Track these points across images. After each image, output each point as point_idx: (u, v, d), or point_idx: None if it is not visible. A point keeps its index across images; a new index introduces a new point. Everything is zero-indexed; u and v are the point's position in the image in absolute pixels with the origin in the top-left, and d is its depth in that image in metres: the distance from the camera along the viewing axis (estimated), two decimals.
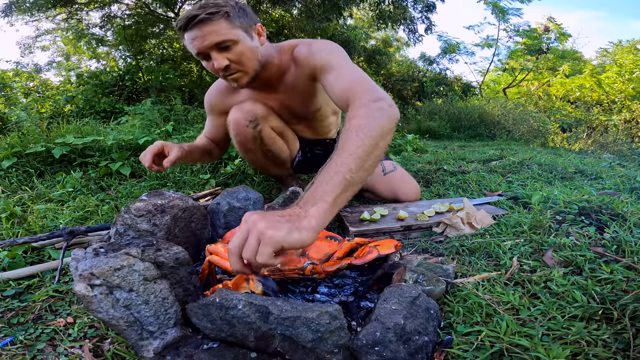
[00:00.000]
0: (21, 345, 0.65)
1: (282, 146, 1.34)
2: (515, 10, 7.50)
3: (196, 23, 1.00)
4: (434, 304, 0.65)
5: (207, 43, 1.02)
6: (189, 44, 1.05)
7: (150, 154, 1.11)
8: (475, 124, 5.32)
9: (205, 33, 1.01)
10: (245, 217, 0.62)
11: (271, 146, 1.29)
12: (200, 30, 1.01)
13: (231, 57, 1.06)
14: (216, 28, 1.01)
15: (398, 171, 1.43)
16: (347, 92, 0.90)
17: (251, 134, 1.22)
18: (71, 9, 5.36)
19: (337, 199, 0.65)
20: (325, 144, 1.48)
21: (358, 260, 0.72)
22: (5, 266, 0.93)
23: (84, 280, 0.56)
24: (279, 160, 1.36)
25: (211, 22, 1.00)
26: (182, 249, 0.68)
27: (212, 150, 1.39)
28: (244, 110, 1.20)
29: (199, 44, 1.03)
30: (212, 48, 1.03)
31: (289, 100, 1.25)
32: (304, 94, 1.22)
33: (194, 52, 1.07)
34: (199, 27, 1.01)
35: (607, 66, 5.56)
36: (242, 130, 1.22)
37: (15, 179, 1.67)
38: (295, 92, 1.21)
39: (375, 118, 0.76)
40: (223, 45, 1.03)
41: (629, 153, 3.26)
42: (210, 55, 1.05)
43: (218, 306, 0.60)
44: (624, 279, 0.71)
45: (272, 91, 1.24)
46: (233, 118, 1.22)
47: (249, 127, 1.21)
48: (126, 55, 6.02)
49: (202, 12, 1.00)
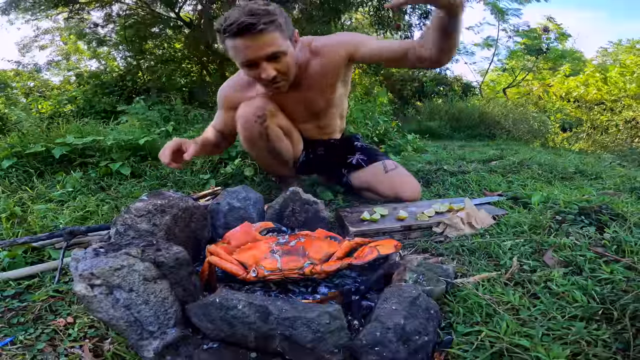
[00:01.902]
0: (21, 345, 0.65)
1: (287, 145, 1.36)
2: (515, 10, 7.49)
3: (252, 32, 0.99)
4: (434, 304, 0.65)
5: (261, 54, 1.02)
6: (237, 51, 1.04)
7: (170, 150, 1.12)
8: (475, 124, 5.31)
9: (260, 44, 1.00)
10: None
11: (277, 144, 1.30)
12: (255, 40, 1.00)
13: (279, 68, 1.08)
14: (270, 39, 1.01)
15: (399, 170, 1.44)
16: (393, 43, 1.17)
17: (258, 129, 1.24)
18: (72, 7, 5.35)
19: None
20: (329, 145, 1.50)
21: (358, 261, 0.72)
22: (5, 266, 0.92)
23: (84, 280, 0.56)
24: (283, 158, 1.37)
25: (267, 33, 1.00)
26: (182, 249, 0.68)
27: (221, 142, 1.43)
28: (253, 106, 1.22)
29: (251, 54, 1.02)
30: (264, 58, 1.03)
31: (308, 93, 1.29)
32: (326, 84, 1.27)
33: (239, 59, 1.07)
34: (254, 36, 1.00)
35: (609, 66, 5.55)
36: (249, 126, 1.23)
37: (15, 179, 1.67)
38: (318, 83, 1.26)
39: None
40: (275, 55, 1.04)
41: (629, 153, 3.26)
42: (260, 65, 1.05)
43: (218, 306, 0.60)
44: (624, 279, 0.71)
45: (292, 87, 1.26)
46: (242, 113, 1.23)
47: (257, 123, 1.22)
48: (127, 55, 6.02)
49: (257, 21, 0.98)
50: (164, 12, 5.89)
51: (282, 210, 1.07)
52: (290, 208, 1.07)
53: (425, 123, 5.42)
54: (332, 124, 1.47)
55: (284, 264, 0.75)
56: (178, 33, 6.11)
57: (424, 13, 5.97)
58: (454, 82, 9.14)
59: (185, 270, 0.67)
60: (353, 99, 3.40)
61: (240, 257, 0.78)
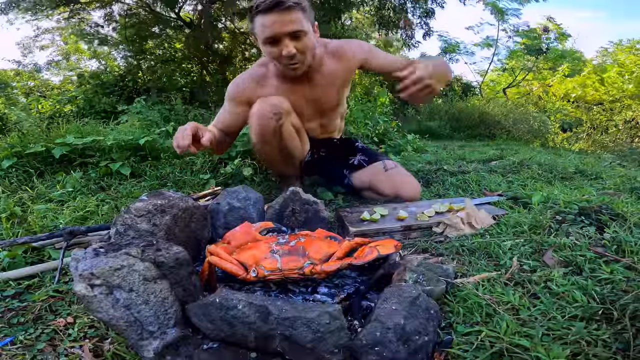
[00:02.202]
0: (21, 345, 0.65)
1: (297, 144, 1.39)
2: (514, 10, 7.50)
3: (283, 9, 1.09)
4: (434, 304, 0.65)
5: (286, 29, 1.11)
6: (264, 27, 1.12)
7: (190, 132, 1.10)
8: (475, 124, 5.32)
9: (286, 20, 1.10)
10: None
11: (289, 142, 1.33)
12: (283, 15, 1.10)
13: (299, 47, 1.15)
14: (295, 17, 1.11)
15: (399, 169, 1.46)
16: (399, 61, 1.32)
17: (273, 126, 1.25)
18: (73, 7, 5.34)
19: None
20: (331, 144, 1.55)
21: (358, 261, 0.72)
22: (5, 266, 0.92)
23: (84, 280, 0.56)
24: (291, 157, 1.40)
25: (294, 11, 1.10)
26: (182, 249, 0.68)
27: (223, 141, 1.44)
28: (270, 103, 1.24)
29: (277, 28, 1.11)
30: (287, 35, 1.11)
31: (320, 91, 1.36)
32: (336, 85, 1.37)
33: (265, 35, 1.14)
34: (282, 12, 1.09)
35: (608, 66, 5.55)
36: (265, 122, 1.24)
37: (15, 179, 1.67)
38: (330, 81, 1.35)
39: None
40: (297, 34, 1.13)
41: (629, 153, 3.26)
42: (281, 41, 1.13)
43: (218, 306, 0.60)
44: (624, 279, 0.71)
45: (304, 83, 1.33)
46: (258, 109, 1.24)
47: (273, 120, 1.24)
48: (127, 55, 6.02)
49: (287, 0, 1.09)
50: (164, 12, 5.88)
51: (282, 210, 1.07)
52: (290, 208, 1.07)
53: (425, 123, 5.43)
54: (334, 123, 1.52)
55: (284, 264, 0.75)
56: (179, 33, 6.11)
57: (425, 12, 5.97)
58: (454, 82, 9.13)
59: (185, 270, 0.67)
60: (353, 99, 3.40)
61: (240, 257, 0.78)
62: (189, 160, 1.92)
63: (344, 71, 1.36)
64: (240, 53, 6.58)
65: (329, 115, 1.47)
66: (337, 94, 1.40)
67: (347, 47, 1.35)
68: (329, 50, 1.34)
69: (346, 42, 1.39)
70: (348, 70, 1.37)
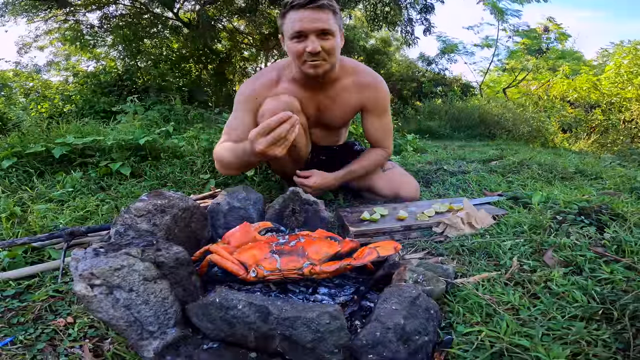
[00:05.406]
0: (21, 345, 0.65)
1: (304, 144, 1.38)
2: (514, 11, 7.51)
3: (315, 6, 1.12)
4: (434, 304, 0.65)
5: (316, 25, 1.13)
6: (294, 22, 1.14)
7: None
8: (475, 124, 5.32)
9: (317, 18, 1.12)
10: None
11: (296, 142, 1.31)
12: (315, 13, 1.12)
13: (325, 46, 1.16)
14: (326, 17, 1.14)
15: (397, 169, 1.46)
16: (381, 138, 1.42)
17: None
18: (67, 10, 5.34)
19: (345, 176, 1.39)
20: (332, 151, 1.55)
21: (357, 261, 0.72)
22: (5, 266, 0.92)
23: (84, 280, 0.56)
24: (298, 157, 1.39)
25: (326, 10, 1.14)
26: (182, 249, 0.68)
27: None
28: (281, 101, 1.24)
29: (307, 25, 1.13)
30: (315, 32, 1.13)
31: (330, 105, 1.34)
32: (347, 107, 1.36)
33: (293, 29, 1.15)
34: (316, 10, 1.12)
35: (607, 67, 5.55)
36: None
37: (15, 179, 1.67)
38: (341, 101, 1.34)
39: (384, 159, 1.45)
40: (325, 33, 1.15)
41: (629, 153, 3.26)
42: (309, 38, 1.14)
43: (218, 306, 0.60)
44: (624, 279, 0.71)
45: (318, 91, 1.31)
46: (269, 107, 1.23)
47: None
48: (124, 55, 6.01)
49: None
50: (161, 12, 5.88)
51: (282, 210, 1.07)
52: (290, 208, 1.07)
53: (425, 123, 5.43)
54: (337, 133, 1.54)
55: (284, 264, 0.75)
56: (177, 33, 6.11)
57: (424, 8, 5.95)
58: (453, 82, 9.13)
59: (185, 270, 0.67)
60: None
61: (240, 257, 0.78)
62: (189, 160, 1.92)
63: (354, 99, 1.34)
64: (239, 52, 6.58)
65: (334, 129, 1.48)
66: (344, 114, 1.39)
67: (372, 83, 1.34)
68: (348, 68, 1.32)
69: (371, 75, 1.36)
70: (356, 101, 1.34)
